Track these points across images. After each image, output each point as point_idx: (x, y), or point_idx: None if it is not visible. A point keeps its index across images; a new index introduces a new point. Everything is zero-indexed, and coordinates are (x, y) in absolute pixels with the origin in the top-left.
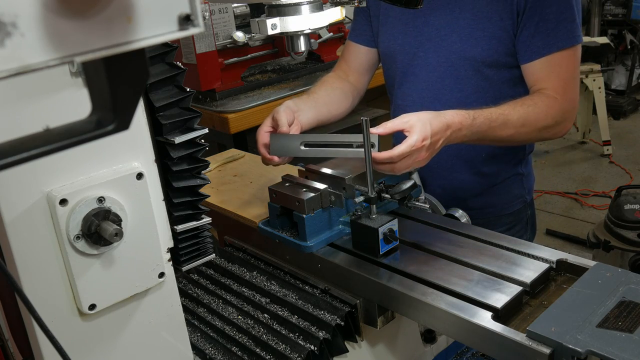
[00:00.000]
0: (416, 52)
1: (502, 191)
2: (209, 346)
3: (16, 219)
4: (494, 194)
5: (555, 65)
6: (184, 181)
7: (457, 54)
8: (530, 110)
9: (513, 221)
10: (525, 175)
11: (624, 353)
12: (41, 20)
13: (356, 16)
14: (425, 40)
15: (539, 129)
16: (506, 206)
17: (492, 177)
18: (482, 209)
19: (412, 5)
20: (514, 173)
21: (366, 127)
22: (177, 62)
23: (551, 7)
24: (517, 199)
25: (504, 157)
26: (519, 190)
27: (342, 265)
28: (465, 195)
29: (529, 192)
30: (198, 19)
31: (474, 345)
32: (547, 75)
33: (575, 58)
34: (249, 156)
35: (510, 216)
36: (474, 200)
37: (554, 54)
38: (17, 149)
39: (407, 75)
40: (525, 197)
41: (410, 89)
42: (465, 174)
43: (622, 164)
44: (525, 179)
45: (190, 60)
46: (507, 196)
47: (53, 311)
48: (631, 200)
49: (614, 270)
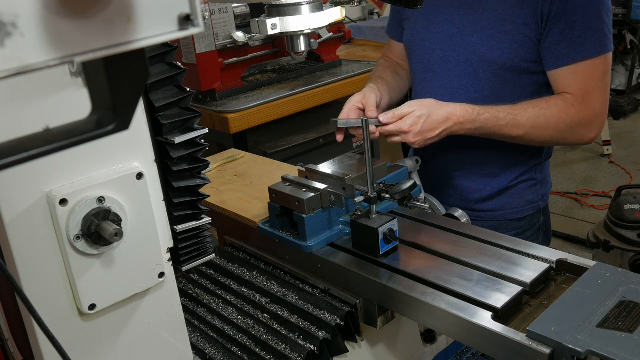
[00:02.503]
0: (435, 49)
1: (514, 195)
2: (209, 346)
3: (16, 219)
4: (505, 197)
5: (579, 74)
6: (184, 181)
7: (477, 55)
8: (542, 112)
9: (524, 226)
10: (540, 181)
11: (624, 353)
12: (41, 20)
13: (391, 11)
14: (446, 38)
15: (552, 132)
16: (517, 211)
17: (504, 180)
18: (492, 211)
19: (412, 5)
20: (528, 178)
21: (366, 127)
22: (177, 62)
23: (577, 15)
24: (529, 204)
25: (518, 161)
26: (532, 196)
27: (342, 265)
28: (476, 197)
29: (543, 199)
30: (198, 19)
31: (474, 345)
32: (570, 82)
33: (602, 67)
34: (249, 156)
35: (522, 221)
36: (484, 203)
37: (579, 62)
38: (17, 149)
39: (426, 72)
40: (538, 203)
41: (429, 86)
42: (477, 176)
43: (622, 164)
44: (540, 185)
45: (190, 60)
46: (519, 201)
47: (53, 311)
48: (631, 200)
49: (614, 270)
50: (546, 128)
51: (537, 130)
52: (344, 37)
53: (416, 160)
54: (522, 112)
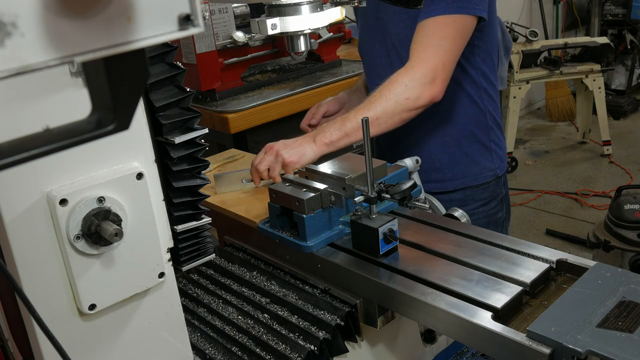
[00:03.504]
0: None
1: (469, 162)
2: (209, 346)
3: (16, 219)
4: (462, 164)
5: (422, 32)
6: (184, 181)
7: (398, 38)
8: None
9: (488, 197)
10: (493, 149)
11: (624, 353)
12: (41, 20)
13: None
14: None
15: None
16: (476, 177)
17: (455, 147)
18: (455, 180)
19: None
20: (480, 146)
21: (366, 127)
22: (177, 62)
23: None
24: (487, 171)
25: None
26: (488, 163)
27: (342, 265)
28: (437, 165)
29: (500, 168)
30: (198, 19)
31: (474, 345)
32: (415, 39)
33: (449, 27)
34: (249, 156)
35: (485, 191)
36: (446, 171)
37: (427, 19)
38: (17, 149)
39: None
40: (496, 171)
41: (374, 81)
42: (432, 144)
43: (622, 164)
44: (494, 153)
45: (190, 60)
46: (475, 167)
47: (53, 311)
48: (631, 200)
49: (614, 270)
50: (381, 102)
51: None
52: (344, 37)
53: (416, 160)
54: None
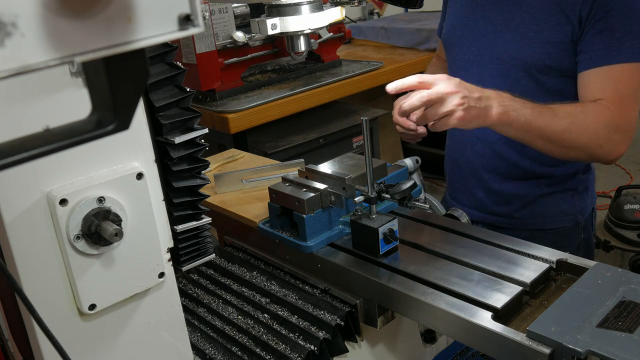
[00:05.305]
0: (470, 46)
1: (547, 203)
2: (209, 346)
3: (16, 219)
4: (538, 205)
5: (613, 78)
6: (184, 181)
7: (508, 54)
8: (580, 110)
9: (561, 241)
10: (579, 192)
11: (624, 353)
12: (41, 20)
13: (442, 11)
14: (481, 35)
15: (589, 135)
16: (550, 220)
17: (536, 187)
18: (525, 219)
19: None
20: (563, 188)
21: (366, 127)
22: (177, 62)
23: (619, 17)
24: (565, 215)
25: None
26: (568, 207)
27: (342, 265)
28: (507, 202)
29: (582, 213)
30: (198, 19)
31: (474, 345)
32: (602, 86)
33: (638, 75)
34: (249, 156)
35: (558, 235)
36: (518, 210)
37: (614, 65)
38: (17, 149)
39: (459, 70)
40: (576, 217)
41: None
42: (507, 180)
43: (622, 164)
44: (579, 196)
45: (190, 60)
46: (551, 209)
47: (53, 311)
48: (631, 200)
49: (614, 270)
50: (584, 128)
51: (576, 126)
52: (344, 37)
53: (416, 160)
54: (559, 107)
